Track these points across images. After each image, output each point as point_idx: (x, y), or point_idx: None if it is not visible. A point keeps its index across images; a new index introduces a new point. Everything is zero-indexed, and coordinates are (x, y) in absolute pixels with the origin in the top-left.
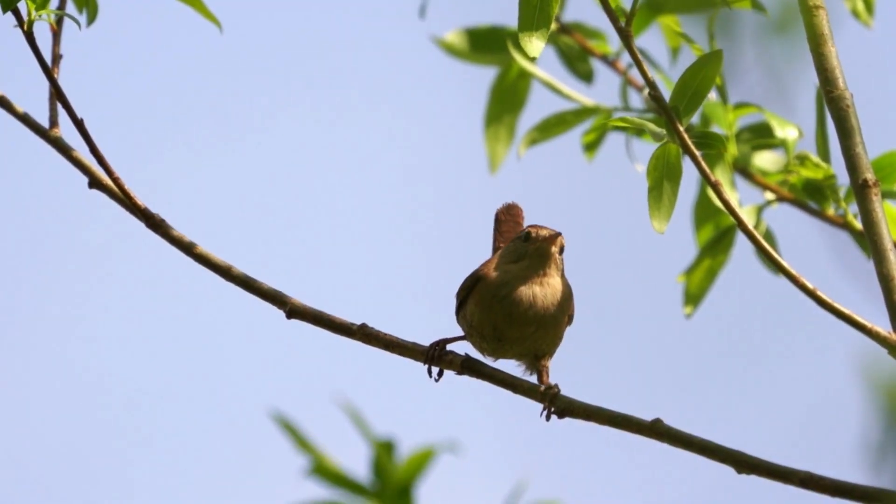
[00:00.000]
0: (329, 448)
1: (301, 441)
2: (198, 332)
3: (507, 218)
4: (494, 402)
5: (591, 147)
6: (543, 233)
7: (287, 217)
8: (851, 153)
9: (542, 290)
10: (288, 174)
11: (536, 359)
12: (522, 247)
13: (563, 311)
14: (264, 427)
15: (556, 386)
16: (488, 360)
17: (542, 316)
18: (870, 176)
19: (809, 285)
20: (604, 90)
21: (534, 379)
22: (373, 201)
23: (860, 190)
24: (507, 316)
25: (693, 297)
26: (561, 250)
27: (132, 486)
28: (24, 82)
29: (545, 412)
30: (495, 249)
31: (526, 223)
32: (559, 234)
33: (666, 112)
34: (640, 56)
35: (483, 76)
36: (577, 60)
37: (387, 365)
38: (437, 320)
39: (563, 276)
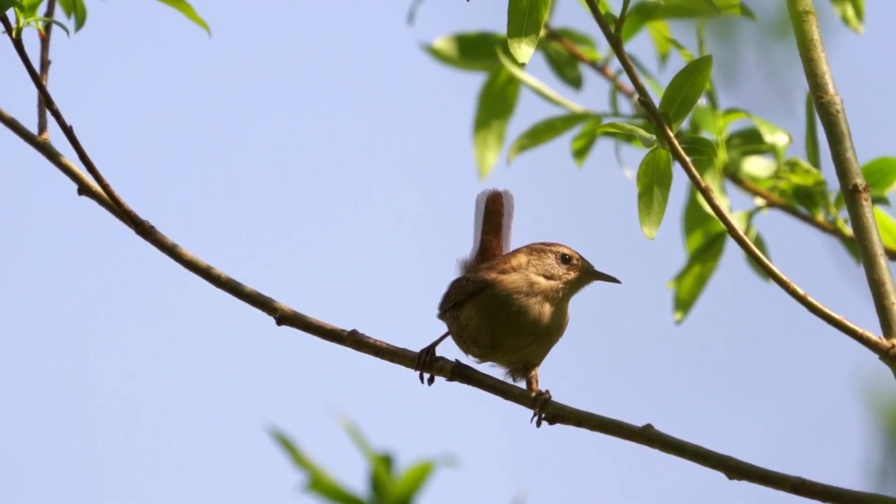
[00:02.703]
0: (323, 458)
1: (299, 458)
2: (187, 338)
3: (494, 208)
4: (485, 408)
5: (580, 153)
6: (587, 267)
7: (276, 223)
8: (841, 158)
9: (551, 309)
10: (277, 179)
11: (525, 368)
12: (557, 268)
13: (560, 331)
14: (257, 437)
15: (546, 392)
16: (472, 361)
17: (543, 333)
18: (860, 181)
19: (800, 291)
20: (593, 96)
21: (522, 385)
22: (361, 207)
23: (850, 195)
24: (512, 326)
25: (683, 304)
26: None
27: (118, 499)
28: (12, 88)
29: (536, 418)
30: (481, 242)
31: (506, 216)
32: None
33: (655, 117)
34: (629, 61)
35: (472, 82)
36: (566, 66)
37: (377, 371)
38: (427, 326)
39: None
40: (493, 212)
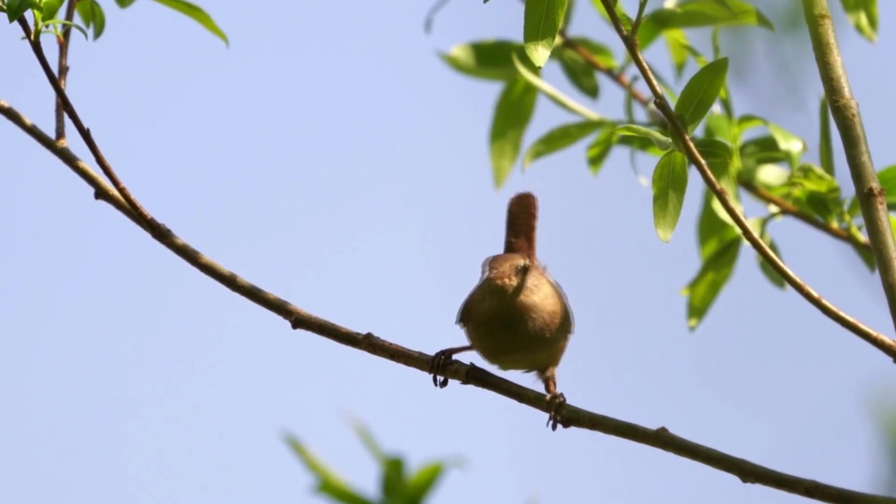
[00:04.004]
0: (335, 459)
1: (310, 461)
2: (203, 341)
3: (518, 210)
4: (500, 411)
5: (595, 161)
6: (489, 272)
7: (292, 227)
8: (857, 162)
9: (519, 320)
10: (295, 184)
11: (540, 371)
12: (482, 285)
13: (551, 330)
14: (271, 440)
15: (561, 395)
16: (494, 369)
17: (528, 343)
18: (875, 185)
19: (815, 294)
20: (609, 106)
21: (540, 387)
22: (377, 213)
23: (866, 199)
24: (494, 348)
25: (697, 310)
26: (524, 272)
27: (125, 499)
28: (30, 93)
29: (551, 421)
30: (507, 244)
31: (531, 217)
32: (503, 266)
33: (671, 119)
34: (644, 64)
35: (488, 91)
36: (583, 75)
37: (392, 374)
38: (442, 331)
39: (552, 295)
40: (517, 213)
